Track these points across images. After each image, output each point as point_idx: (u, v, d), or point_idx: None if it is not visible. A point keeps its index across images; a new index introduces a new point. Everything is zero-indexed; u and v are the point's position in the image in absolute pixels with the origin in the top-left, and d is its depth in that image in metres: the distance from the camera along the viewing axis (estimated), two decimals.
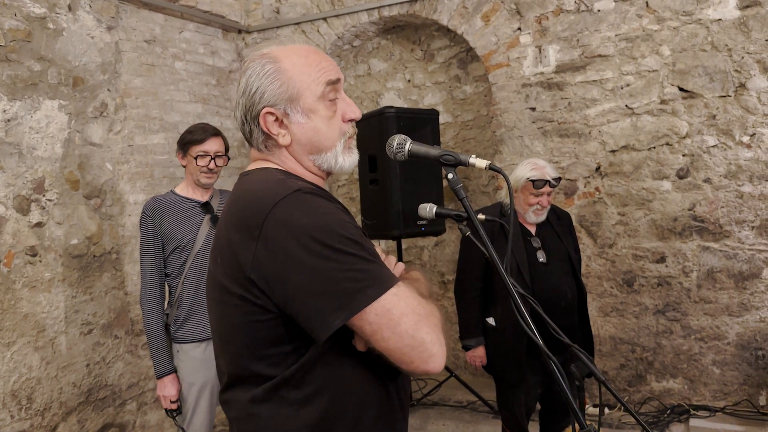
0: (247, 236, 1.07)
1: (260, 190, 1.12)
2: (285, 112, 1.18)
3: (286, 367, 1.10)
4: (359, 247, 1.05)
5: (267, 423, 1.13)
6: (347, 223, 1.08)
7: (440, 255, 5.27)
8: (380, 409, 1.17)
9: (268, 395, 1.12)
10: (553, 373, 1.20)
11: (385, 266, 1.09)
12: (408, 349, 1.03)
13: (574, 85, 4.25)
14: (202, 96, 4.64)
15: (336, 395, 1.11)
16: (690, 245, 4.01)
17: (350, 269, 1.03)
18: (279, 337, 1.10)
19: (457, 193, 1.20)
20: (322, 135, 1.20)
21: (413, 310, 1.04)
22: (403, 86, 5.29)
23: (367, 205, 4.33)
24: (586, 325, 2.99)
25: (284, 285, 1.04)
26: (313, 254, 1.02)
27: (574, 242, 3.08)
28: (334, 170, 1.24)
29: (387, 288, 1.04)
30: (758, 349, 3.85)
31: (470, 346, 2.96)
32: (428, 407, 4.50)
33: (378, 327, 1.03)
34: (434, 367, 1.04)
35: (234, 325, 1.14)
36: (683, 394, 4.05)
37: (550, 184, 2.80)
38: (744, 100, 3.81)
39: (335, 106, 1.21)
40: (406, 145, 1.24)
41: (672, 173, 4.04)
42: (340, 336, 1.07)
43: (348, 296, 1.02)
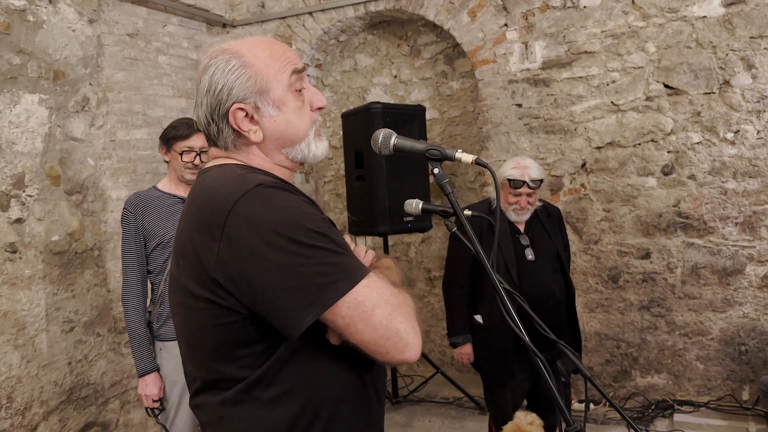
0: (208, 236, 1.04)
1: (219, 187, 1.08)
2: (255, 106, 1.15)
3: (257, 367, 1.08)
4: (327, 239, 1.03)
5: (239, 425, 1.10)
6: (313, 216, 1.05)
7: (427, 251, 5.26)
8: (356, 401, 1.15)
9: (239, 397, 1.09)
10: (539, 371, 1.19)
11: (355, 257, 1.07)
12: (383, 340, 1.01)
13: (560, 81, 4.26)
14: (185, 91, 4.58)
15: (310, 391, 1.09)
16: (674, 241, 4.03)
17: (319, 263, 1.00)
18: (249, 338, 1.07)
19: (443, 188, 1.19)
20: (294, 126, 1.17)
21: (386, 301, 1.03)
22: (389, 82, 5.26)
23: (353, 201, 4.31)
24: (574, 322, 2.99)
25: (251, 284, 1.01)
26: (279, 250, 0.99)
27: (564, 239, 3.07)
28: (308, 160, 1.21)
29: (358, 280, 1.02)
30: (741, 345, 3.89)
31: (457, 344, 2.96)
32: (414, 403, 4.50)
33: (351, 320, 1.01)
34: (410, 356, 1.03)
35: (201, 328, 1.10)
36: (668, 389, 4.08)
37: (528, 186, 2.77)
38: (728, 97, 3.84)
39: (302, 96, 1.19)
40: (392, 140, 1.23)
41: (657, 170, 4.06)
42: (312, 331, 1.05)
43: (319, 291, 1.00)
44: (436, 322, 5.16)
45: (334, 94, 5.43)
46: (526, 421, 2.34)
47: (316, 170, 5.56)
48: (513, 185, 2.76)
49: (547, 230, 2.91)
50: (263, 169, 1.18)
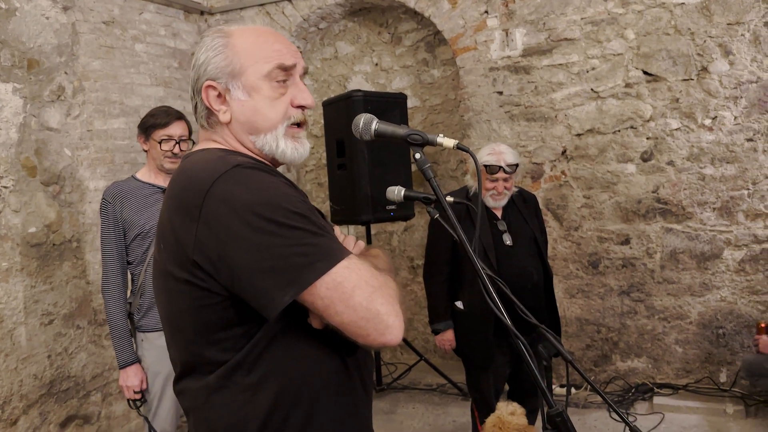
0: (187, 218, 1.04)
1: (198, 169, 1.09)
2: (226, 87, 1.16)
3: (238, 350, 1.08)
4: (306, 220, 1.03)
5: (221, 411, 1.10)
6: (292, 197, 1.05)
7: (410, 240, 5.27)
8: (339, 386, 1.14)
9: (221, 382, 1.09)
10: (520, 353, 1.20)
11: (336, 240, 1.07)
12: (363, 321, 1.01)
13: (540, 68, 4.27)
14: (163, 79, 4.52)
15: (291, 376, 1.09)
16: (653, 227, 4.08)
17: (297, 244, 1.00)
18: (229, 320, 1.07)
19: (425, 173, 1.18)
20: (260, 115, 1.16)
21: (366, 282, 1.02)
22: (370, 70, 5.24)
23: (335, 190, 4.30)
24: (552, 306, 3.03)
25: (229, 265, 1.02)
26: (257, 231, 0.99)
27: (541, 224, 3.11)
28: (276, 155, 1.19)
29: (337, 261, 1.01)
30: (719, 328, 3.96)
31: (439, 330, 2.97)
32: (398, 391, 4.52)
33: (330, 301, 1.00)
34: (391, 339, 1.03)
35: (182, 311, 1.10)
36: (647, 372, 4.15)
37: (504, 171, 2.80)
38: (706, 84, 3.88)
39: (284, 88, 1.18)
40: (373, 125, 1.22)
41: (636, 156, 4.10)
42: (293, 315, 1.05)
43: (296, 271, 0.99)
44: (419, 310, 5.17)
45: (315, 83, 5.39)
46: (507, 411, 2.36)
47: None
48: (489, 171, 2.80)
49: (524, 216, 2.95)
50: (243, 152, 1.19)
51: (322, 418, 1.12)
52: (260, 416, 1.08)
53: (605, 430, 3.58)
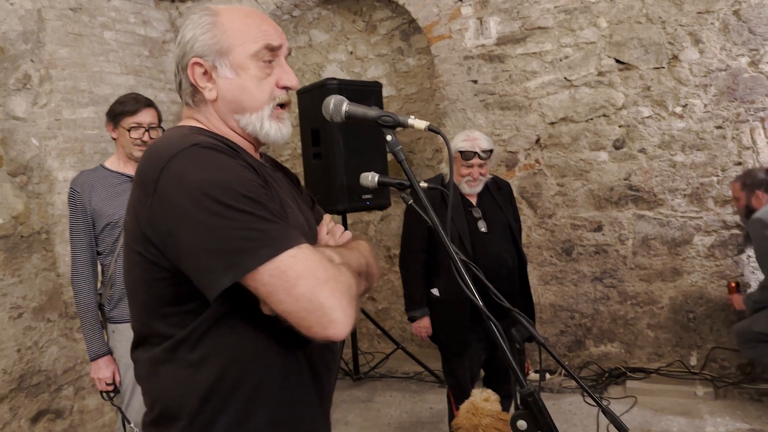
0: (144, 191, 1.06)
1: (161, 145, 1.10)
2: (213, 65, 1.17)
3: (184, 326, 1.09)
4: (258, 206, 1.02)
5: (165, 384, 1.12)
6: (247, 180, 1.05)
7: (386, 229, 5.27)
8: (284, 378, 1.14)
9: (166, 355, 1.10)
10: (492, 334, 1.20)
11: (289, 228, 1.06)
12: (305, 313, 0.99)
13: (514, 57, 4.28)
14: (134, 68, 4.43)
15: (233, 359, 1.09)
16: (626, 214, 4.13)
17: (244, 227, 1.00)
18: (177, 296, 1.08)
19: (396, 155, 1.17)
20: (248, 94, 1.17)
21: (312, 273, 1.01)
22: (345, 58, 5.20)
23: (310, 179, 4.27)
24: (526, 292, 3.05)
25: (176, 242, 1.03)
26: (205, 211, 0.99)
27: (515, 212, 3.13)
28: (260, 136, 1.20)
29: (284, 249, 1.00)
30: (689, 312, 4.04)
31: (415, 317, 2.98)
32: (375, 380, 4.53)
33: (273, 288, 0.99)
34: (335, 334, 1.00)
35: (134, 281, 1.14)
36: (620, 357, 4.21)
37: (479, 156, 2.82)
38: (677, 72, 3.93)
39: (270, 69, 1.19)
40: (343, 106, 1.21)
41: (608, 144, 4.14)
42: (244, 298, 1.05)
43: (239, 255, 0.99)
44: (396, 299, 5.19)
45: None
46: (481, 398, 2.37)
47: (273, 149, 5.48)
48: (464, 157, 2.81)
49: (498, 203, 2.97)
50: (218, 132, 1.19)
51: (262, 404, 1.11)
52: (199, 394, 1.08)
53: (579, 414, 3.64)
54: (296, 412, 1.17)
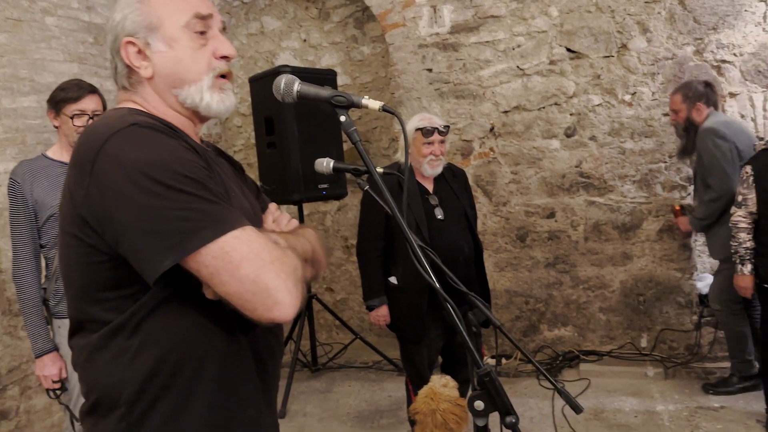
0: (80, 172, 1.03)
1: (98, 125, 1.07)
2: (146, 42, 1.14)
3: (122, 312, 1.06)
4: (200, 186, 1.00)
5: (102, 370, 1.08)
6: (188, 161, 1.03)
7: (343, 220, 5.24)
8: (226, 363, 1.12)
9: (103, 342, 1.07)
10: (449, 316, 1.20)
11: (232, 209, 1.04)
12: (250, 294, 0.98)
13: (468, 46, 4.30)
14: (78, 55, 4.26)
15: (173, 345, 1.07)
16: (577, 200, 4.22)
17: (184, 208, 0.97)
18: (115, 280, 1.05)
19: (351, 136, 1.15)
20: (184, 66, 1.15)
21: (257, 255, 0.99)
22: (298, 46, 5.13)
23: (265, 169, 4.20)
24: (483, 279, 3.08)
25: (114, 223, 1.00)
26: (143, 191, 0.97)
27: (470, 199, 3.15)
28: (200, 108, 1.17)
29: (227, 230, 0.98)
30: (639, 295, 4.15)
31: (373, 306, 2.97)
32: (334, 370, 4.52)
33: (216, 270, 0.97)
34: (280, 315, 0.99)
35: (70, 266, 1.10)
36: (573, 340, 4.31)
37: (439, 132, 2.85)
38: (626, 60, 4.02)
39: (204, 40, 1.16)
40: (295, 86, 1.17)
41: (560, 132, 4.21)
42: (185, 282, 1.03)
43: (179, 236, 0.96)
44: (354, 289, 5.17)
45: (241, 59, 5.24)
46: (440, 384, 2.38)
47: (225, 139, 5.37)
48: (425, 134, 2.82)
49: (454, 190, 2.98)
50: (157, 113, 1.16)
51: (203, 390, 1.09)
52: (138, 381, 1.06)
53: (535, 396, 3.70)
54: (238, 398, 1.15)
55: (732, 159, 3.36)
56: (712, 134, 3.39)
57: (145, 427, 1.07)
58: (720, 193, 3.39)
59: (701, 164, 3.51)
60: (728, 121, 3.52)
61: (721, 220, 3.44)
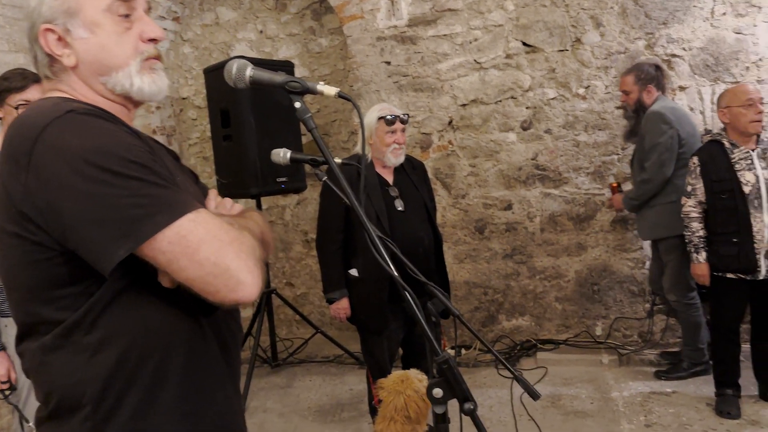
0: (15, 166, 0.97)
1: (30, 116, 1.01)
2: (65, 28, 1.07)
3: (76, 309, 1.01)
4: (147, 171, 0.97)
5: (59, 371, 1.03)
6: (132, 146, 0.99)
7: (303, 214, 5.19)
8: (192, 349, 1.10)
9: (58, 342, 1.02)
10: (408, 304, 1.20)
11: (183, 193, 1.01)
12: (211, 277, 0.96)
13: (426, 39, 4.31)
14: (23, 45, 4.10)
15: (137, 336, 1.04)
16: (533, 192, 4.28)
17: (134, 194, 0.94)
18: (65, 277, 1.00)
19: (306, 123, 1.14)
20: (108, 52, 1.09)
21: (215, 236, 0.97)
22: (255, 37, 5.05)
23: (221, 163, 4.13)
24: (442, 270, 3.10)
25: (60, 216, 0.95)
26: (89, 179, 0.93)
27: (429, 191, 3.16)
28: (132, 94, 1.12)
29: (181, 213, 0.96)
30: (594, 285, 4.25)
31: (334, 299, 2.96)
32: (295, 365, 4.49)
33: (174, 256, 0.95)
34: (244, 296, 0.98)
35: (14, 267, 1.04)
36: (531, 330, 4.39)
37: (401, 120, 2.85)
38: (580, 54, 4.09)
39: (129, 23, 1.11)
40: (247, 71, 1.15)
41: (517, 125, 4.27)
42: (140, 271, 1.00)
43: (133, 224, 0.94)
44: (315, 283, 5.14)
45: (195, 50, 5.13)
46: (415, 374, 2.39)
47: (180, 132, 5.26)
48: (388, 123, 2.82)
49: (414, 182, 2.99)
50: (87, 101, 1.10)
51: (170, 380, 1.07)
52: (101, 378, 1.02)
53: (494, 386, 3.75)
54: (207, 384, 1.13)
55: (671, 146, 3.46)
56: (658, 119, 3.49)
57: (112, 425, 1.03)
58: (652, 176, 3.50)
59: (642, 146, 3.60)
60: (674, 107, 3.63)
61: (651, 203, 3.57)
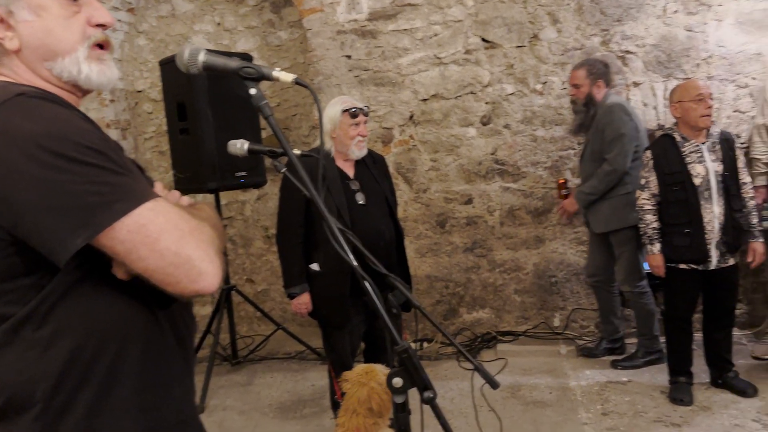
0: None
1: None
2: (8, 10, 1.02)
3: (25, 303, 0.97)
4: (104, 157, 0.93)
5: (9, 369, 0.99)
6: (87, 131, 0.95)
7: (263, 209, 5.13)
8: (148, 342, 1.07)
9: (5, 338, 0.98)
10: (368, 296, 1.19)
11: (141, 181, 0.99)
12: (172, 267, 0.94)
13: (386, 33, 4.31)
14: None
15: (90, 330, 1.00)
16: (493, 186, 4.33)
17: (92, 181, 0.91)
18: (14, 270, 0.96)
19: (262, 111, 1.12)
20: (54, 36, 1.04)
21: (175, 225, 0.95)
22: (212, 30, 4.96)
23: (178, 157, 4.04)
24: (404, 264, 3.11)
25: (11, 205, 0.91)
26: (44, 166, 0.89)
27: (390, 185, 3.16)
28: (80, 82, 1.07)
29: (140, 202, 0.93)
30: (551, 277, 4.33)
31: (295, 294, 2.93)
32: (255, 363, 4.44)
33: (133, 245, 0.92)
34: (205, 286, 0.96)
35: None
36: (491, 322, 4.44)
37: (364, 112, 2.85)
38: (537, 50, 4.15)
39: (76, 7, 1.06)
40: (200, 56, 1.12)
41: (476, 120, 4.31)
42: (94, 262, 0.96)
43: (91, 212, 0.90)
44: (276, 280, 5.09)
45: (151, 42, 5.01)
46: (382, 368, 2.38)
47: (135, 126, 5.13)
48: (352, 115, 2.81)
49: (375, 176, 2.98)
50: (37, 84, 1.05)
51: (126, 374, 1.04)
52: (53, 375, 0.98)
53: (456, 378, 3.78)
54: (165, 377, 1.10)
55: (633, 137, 3.55)
56: (620, 110, 3.57)
57: (65, 424, 0.99)
58: (616, 167, 3.56)
59: (599, 139, 3.62)
60: (626, 102, 3.74)
61: (605, 195, 3.63)
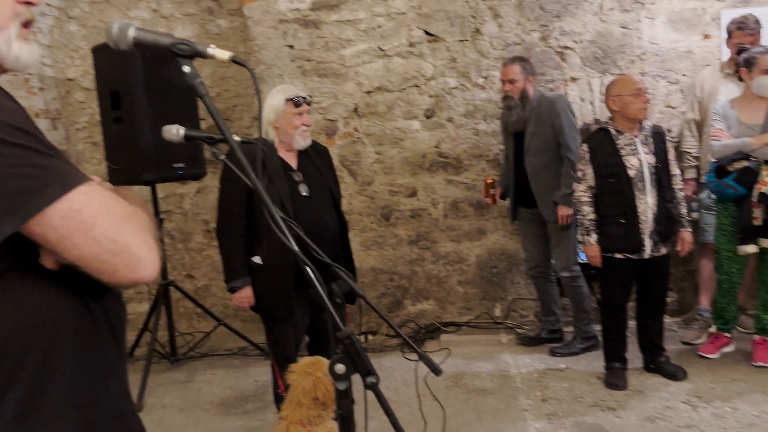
0: None
1: None
2: None
3: None
4: (32, 139, 0.88)
5: None
6: (13, 111, 0.90)
7: (203, 202, 5.00)
8: (81, 335, 1.01)
9: None
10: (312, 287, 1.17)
11: (72, 164, 0.93)
12: (109, 255, 0.89)
13: (329, 24, 4.27)
14: None
15: (19, 323, 0.94)
16: (437, 179, 4.37)
17: (20, 164, 0.85)
18: None
19: (197, 90, 1.07)
20: None
21: (111, 211, 0.90)
22: (148, 16, 4.79)
23: (112, 147, 3.88)
24: (348, 256, 3.08)
25: None
26: None
27: (334, 176, 3.14)
28: (8, 61, 1.01)
29: (74, 186, 0.88)
30: (493, 268, 4.40)
31: (236, 288, 2.86)
32: (196, 360, 4.32)
33: (66, 232, 0.87)
34: (144, 274, 0.92)
35: None
36: (435, 313, 4.48)
37: (307, 101, 2.82)
38: (479, 45, 4.20)
39: None
40: (129, 32, 1.06)
41: (420, 113, 4.33)
42: (21, 251, 0.90)
43: (20, 196, 0.84)
44: (217, 275, 4.97)
45: (83, 28, 4.79)
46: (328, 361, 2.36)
47: (66, 116, 4.90)
48: (296, 104, 2.76)
49: (318, 167, 2.95)
50: None
51: (59, 369, 0.98)
52: None
53: (400, 369, 3.80)
54: (99, 372, 1.04)
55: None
56: (566, 102, 3.68)
57: None
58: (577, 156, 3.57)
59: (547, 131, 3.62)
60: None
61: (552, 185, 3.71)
